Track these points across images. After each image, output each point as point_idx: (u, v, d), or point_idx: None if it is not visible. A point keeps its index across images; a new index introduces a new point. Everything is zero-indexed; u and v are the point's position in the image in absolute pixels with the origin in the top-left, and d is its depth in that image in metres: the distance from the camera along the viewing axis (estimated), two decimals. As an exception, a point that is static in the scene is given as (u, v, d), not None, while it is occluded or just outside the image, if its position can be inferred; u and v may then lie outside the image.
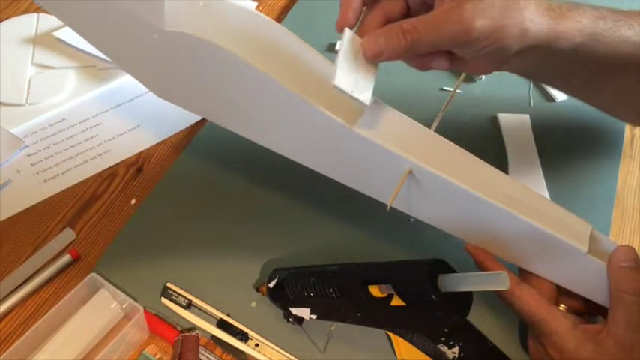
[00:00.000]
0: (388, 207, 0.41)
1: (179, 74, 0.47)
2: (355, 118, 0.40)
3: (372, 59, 0.38)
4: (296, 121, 0.42)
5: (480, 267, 0.41)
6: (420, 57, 0.41)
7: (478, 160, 0.41)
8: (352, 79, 0.38)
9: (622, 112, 0.51)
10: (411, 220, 0.53)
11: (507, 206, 0.38)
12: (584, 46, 0.41)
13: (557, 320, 0.39)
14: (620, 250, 0.38)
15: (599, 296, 0.40)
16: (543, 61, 0.42)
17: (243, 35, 0.44)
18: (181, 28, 0.42)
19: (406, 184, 0.40)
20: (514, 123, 0.59)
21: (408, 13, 0.42)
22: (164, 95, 0.50)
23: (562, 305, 0.42)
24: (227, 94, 0.45)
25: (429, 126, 0.43)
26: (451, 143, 0.41)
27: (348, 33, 0.38)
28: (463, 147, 0.42)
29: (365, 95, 0.38)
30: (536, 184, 0.55)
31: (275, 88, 0.40)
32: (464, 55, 0.40)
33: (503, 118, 0.60)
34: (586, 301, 0.41)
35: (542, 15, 0.39)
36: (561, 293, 0.42)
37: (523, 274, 0.42)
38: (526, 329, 0.44)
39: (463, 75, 0.54)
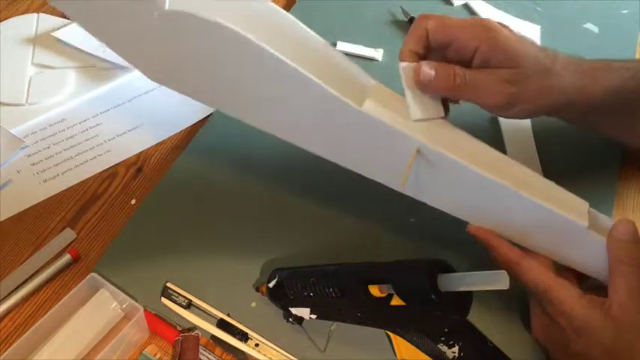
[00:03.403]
0: (402, 182, 0.41)
1: (177, 55, 0.45)
2: (362, 98, 0.40)
3: (419, 85, 0.42)
4: (303, 103, 0.42)
5: (485, 246, 0.42)
6: None
7: (482, 142, 0.42)
8: (422, 106, 0.41)
9: None
10: (412, 220, 0.53)
11: (513, 185, 0.40)
12: (613, 95, 0.45)
13: (566, 289, 0.39)
14: (620, 223, 0.40)
15: (599, 272, 0.41)
16: (568, 112, 0.46)
17: (249, 17, 0.44)
18: (182, 7, 0.42)
19: (414, 165, 0.41)
20: (514, 123, 0.59)
21: None
22: (158, 78, 0.49)
23: None
24: (228, 75, 0.44)
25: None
26: (455, 126, 0.42)
27: (403, 65, 0.42)
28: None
29: (439, 111, 0.42)
30: (536, 184, 0.55)
31: (282, 69, 0.40)
32: None
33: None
34: (580, 283, 0.42)
35: (572, 76, 0.44)
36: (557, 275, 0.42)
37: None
38: (527, 308, 0.44)
39: None
